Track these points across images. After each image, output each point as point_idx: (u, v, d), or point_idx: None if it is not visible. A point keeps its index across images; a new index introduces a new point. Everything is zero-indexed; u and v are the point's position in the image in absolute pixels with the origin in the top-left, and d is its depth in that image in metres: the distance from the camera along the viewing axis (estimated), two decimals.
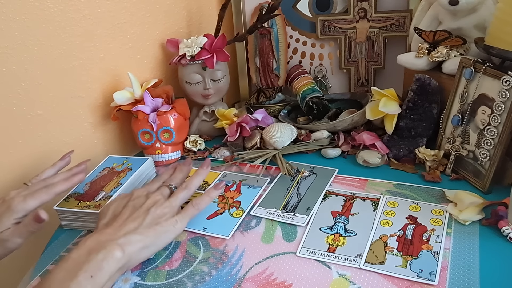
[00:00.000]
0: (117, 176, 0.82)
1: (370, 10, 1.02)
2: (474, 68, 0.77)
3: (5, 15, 0.73)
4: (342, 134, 0.95)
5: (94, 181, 0.81)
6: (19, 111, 0.79)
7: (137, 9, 0.95)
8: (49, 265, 0.69)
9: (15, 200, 0.66)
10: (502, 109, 0.71)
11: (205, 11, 1.13)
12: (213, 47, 0.96)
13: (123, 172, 0.82)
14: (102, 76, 0.92)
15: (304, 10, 1.09)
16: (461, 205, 0.70)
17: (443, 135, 0.84)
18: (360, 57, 1.07)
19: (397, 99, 0.90)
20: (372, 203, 0.75)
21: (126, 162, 0.86)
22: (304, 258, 0.65)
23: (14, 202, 0.65)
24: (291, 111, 1.10)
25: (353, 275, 0.61)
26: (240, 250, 0.68)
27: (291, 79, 1.10)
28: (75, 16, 0.83)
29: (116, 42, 0.93)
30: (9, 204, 0.65)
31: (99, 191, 0.78)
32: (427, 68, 0.89)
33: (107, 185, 0.79)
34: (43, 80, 0.81)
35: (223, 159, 0.94)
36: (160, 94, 0.95)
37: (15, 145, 0.80)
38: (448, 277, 0.59)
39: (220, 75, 0.99)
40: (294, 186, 0.82)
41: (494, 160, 0.73)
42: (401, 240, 0.66)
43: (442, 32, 0.85)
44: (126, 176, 0.81)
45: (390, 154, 0.88)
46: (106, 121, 0.96)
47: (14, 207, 0.65)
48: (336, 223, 0.71)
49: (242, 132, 0.95)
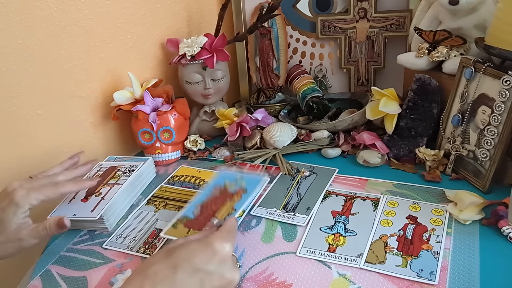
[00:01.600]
0: (231, 199, 0.69)
1: (370, 10, 1.02)
2: (474, 68, 0.77)
3: (5, 14, 0.73)
4: (342, 134, 0.95)
5: (205, 204, 0.69)
6: (19, 111, 0.79)
7: (137, 9, 0.95)
8: (49, 265, 0.69)
9: (18, 193, 0.64)
10: (502, 109, 0.71)
11: (205, 11, 1.13)
12: (213, 46, 0.96)
13: (237, 195, 0.69)
14: (102, 76, 0.92)
15: (304, 10, 1.09)
16: (461, 205, 0.70)
17: (443, 135, 0.84)
18: (360, 57, 1.07)
19: (397, 99, 0.90)
20: (372, 203, 0.75)
21: (239, 180, 0.72)
22: (304, 258, 0.65)
23: (17, 195, 0.64)
24: (291, 111, 1.10)
25: (353, 275, 0.61)
26: (240, 250, 0.68)
27: (291, 79, 1.10)
28: (75, 16, 0.83)
29: (116, 42, 0.93)
30: (12, 197, 0.64)
31: (210, 217, 0.67)
32: (427, 68, 0.89)
33: (219, 210, 0.67)
34: (43, 80, 0.81)
35: (223, 159, 0.94)
36: (160, 93, 0.95)
37: (15, 145, 0.80)
38: (448, 277, 0.59)
39: (220, 75, 0.99)
40: (294, 186, 0.82)
41: (494, 160, 0.73)
42: (401, 240, 0.66)
43: (442, 32, 0.85)
44: (241, 200, 0.68)
45: (390, 154, 0.88)
46: (106, 121, 0.96)
47: (18, 201, 0.64)
48: (336, 223, 0.71)
49: (242, 132, 0.95)
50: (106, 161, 0.88)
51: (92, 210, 0.73)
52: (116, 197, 0.77)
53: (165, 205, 0.80)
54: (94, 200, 0.76)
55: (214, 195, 0.71)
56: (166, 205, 0.80)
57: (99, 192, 0.78)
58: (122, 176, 0.81)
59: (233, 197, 0.70)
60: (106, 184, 0.80)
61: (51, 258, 0.70)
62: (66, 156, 0.86)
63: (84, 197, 0.77)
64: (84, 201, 0.76)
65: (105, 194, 0.77)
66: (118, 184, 0.79)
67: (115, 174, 0.83)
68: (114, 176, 0.82)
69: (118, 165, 0.85)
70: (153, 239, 0.72)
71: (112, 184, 0.79)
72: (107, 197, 0.76)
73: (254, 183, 0.71)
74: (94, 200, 0.76)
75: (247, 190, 0.70)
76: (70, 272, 0.67)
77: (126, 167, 0.84)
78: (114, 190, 0.78)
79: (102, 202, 0.75)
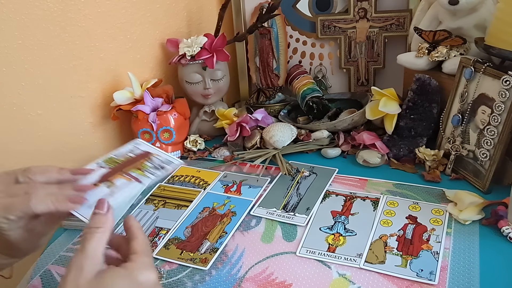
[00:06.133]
0: (220, 221, 0.73)
1: (370, 10, 1.02)
2: (474, 68, 0.77)
3: (5, 14, 0.73)
4: (342, 134, 0.95)
5: (195, 225, 0.73)
6: (19, 111, 0.79)
7: (137, 9, 0.95)
8: (49, 265, 0.69)
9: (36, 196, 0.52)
10: (502, 109, 0.71)
11: (205, 11, 1.13)
12: (213, 46, 0.96)
13: (226, 216, 0.74)
14: (102, 76, 0.92)
15: (304, 10, 1.09)
16: (461, 204, 0.70)
17: (443, 135, 0.84)
18: (360, 57, 1.07)
19: (397, 99, 0.90)
20: (372, 202, 0.75)
21: (227, 202, 0.78)
22: (304, 258, 0.65)
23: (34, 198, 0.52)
24: (291, 111, 1.10)
25: (353, 275, 0.61)
26: (240, 250, 0.68)
27: (291, 79, 1.10)
28: (75, 16, 0.83)
29: (116, 42, 0.93)
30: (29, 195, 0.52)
31: (202, 239, 0.70)
32: (427, 67, 0.89)
33: (210, 232, 0.71)
34: (43, 80, 0.81)
35: (223, 159, 0.94)
36: (160, 93, 0.95)
37: (15, 145, 0.80)
38: (448, 277, 0.59)
39: (220, 75, 0.99)
40: (294, 186, 0.82)
41: (494, 160, 0.73)
42: (401, 239, 0.66)
43: (442, 32, 0.85)
44: (230, 222, 0.73)
45: (390, 154, 0.88)
46: (106, 120, 0.96)
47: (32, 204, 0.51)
48: (336, 222, 0.71)
49: (242, 131, 0.95)
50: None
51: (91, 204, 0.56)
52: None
53: (164, 203, 0.80)
54: (101, 189, 0.59)
55: (203, 216, 0.74)
56: (165, 204, 0.80)
57: (113, 182, 0.61)
58: (149, 170, 0.63)
59: (222, 219, 0.74)
60: (126, 174, 0.62)
61: (51, 258, 0.70)
62: (66, 156, 0.87)
63: (94, 182, 0.60)
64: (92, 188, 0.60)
65: (118, 187, 0.60)
66: (139, 181, 0.61)
67: (142, 164, 0.65)
68: (141, 166, 0.64)
69: (154, 153, 0.67)
70: (153, 237, 0.72)
71: (132, 178, 0.61)
72: (116, 195, 0.59)
73: (243, 205, 0.76)
74: (101, 189, 0.59)
75: (236, 213, 0.74)
76: None
77: (161, 160, 0.65)
78: (129, 187, 0.60)
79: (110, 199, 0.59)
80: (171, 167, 0.63)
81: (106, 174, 0.61)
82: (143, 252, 0.50)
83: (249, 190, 0.82)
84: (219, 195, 0.81)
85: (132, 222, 0.54)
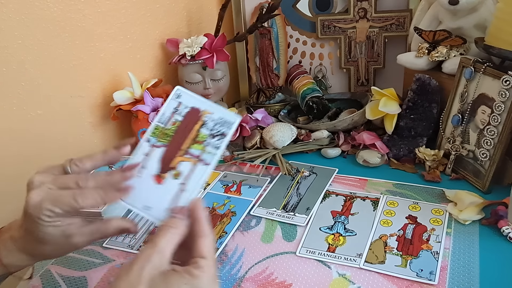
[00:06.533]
0: (220, 221, 0.73)
1: (370, 10, 1.02)
2: (474, 68, 0.77)
3: (5, 14, 0.73)
4: (342, 134, 0.95)
5: None
6: (19, 111, 0.79)
7: (137, 9, 0.95)
8: (49, 265, 0.69)
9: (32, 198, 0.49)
10: (502, 109, 0.71)
11: (205, 10, 1.13)
12: (213, 46, 0.96)
13: (226, 216, 0.73)
14: (102, 75, 0.92)
15: (304, 9, 1.09)
16: (461, 204, 0.70)
17: (443, 135, 0.84)
18: (360, 57, 1.07)
19: (397, 99, 0.90)
20: (372, 202, 0.75)
21: (227, 202, 0.76)
22: (304, 258, 0.65)
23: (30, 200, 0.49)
24: (291, 111, 1.10)
25: (353, 275, 0.61)
26: (240, 250, 0.68)
27: (291, 78, 1.10)
28: (75, 16, 0.83)
29: (116, 42, 0.93)
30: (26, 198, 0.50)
31: None
32: (427, 67, 0.89)
33: None
34: (43, 80, 0.81)
35: (223, 159, 0.94)
36: (160, 93, 0.95)
37: (15, 145, 0.80)
38: (448, 277, 0.59)
39: (220, 75, 0.99)
40: (294, 186, 0.82)
41: (494, 160, 0.73)
42: (401, 239, 0.66)
43: (442, 32, 0.85)
44: (230, 222, 0.71)
45: (390, 154, 0.88)
46: (106, 120, 0.96)
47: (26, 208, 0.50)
48: (336, 222, 0.71)
49: (242, 131, 0.95)
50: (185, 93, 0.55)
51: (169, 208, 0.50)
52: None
53: None
54: (170, 183, 0.51)
55: None
56: None
57: (177, 170, 0.51)
58: (209, 141, 0.52)
59: (222, 219, 0.72)
60: (187, 154, 0.52)
61: None
62: (66, 156, 0.86)
63: (158, 172, 0.52)
64: (158, 181, 0.52)
65: (186, 177, 0.51)
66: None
67: (199, 133, 0.53)
68: (199, 137, 0.52)
69: (204, 109, 0.54)
70: None
71: (196, 159, 0.51)
72: (189, 186, 0.50)
73: (243, 205, 0.73)
74: (171, 184, 0.51)
75: (236, 213, 0.73)
76: (70, 272, 0.67)
77: (215, 121, 0.53)
78: (198, 174, 0.51)
79: (184, 196, 0.50)
80: (229, 129, 0.52)
81: (165, 157, 0.52)
82: (212, 258, 0.46)
83: (249, 190, 0.82)
84: (219, 195, 0.81)
85: (200, 212, 0.48)
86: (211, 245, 0.47)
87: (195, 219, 0.48)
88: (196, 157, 0.51)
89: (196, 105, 0.54)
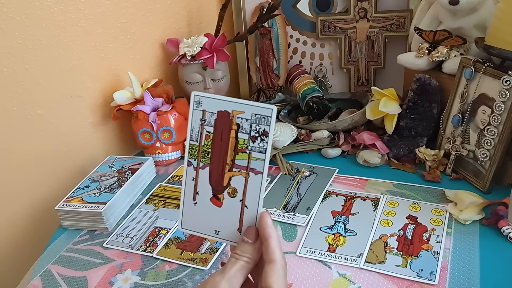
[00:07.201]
0: None
1: (370, 10, 1.02)
2: (474, 68, 0.77)
3: (6, 14, 0.73)
4: (342, 134, 0.95)
5: None
6: (19, 111, 0.79)
7: (137, 9, 0.95)
8: (49, 264, 0.69)
9: None
10: (502, 109, 0.71)
11: (205, 11, 1.13)
12: (213, 46, 0.96)
13: None
14: (102, 75, 0.92)
15: (304, 10, 1.09)
16: (461, 205, 0.70)
17: (443, 135, 0.84)
18: (360, 57, 1.07)
19: (397, 99, 0.90)
20: (372, 202, 0.75)
21: None
22: (304, 258, 0.65)
23: None
24: (291, 111, 1.10)
25: (353, 275, 0.61)
26: None
27: (291, 79, 1.10)
28: (75, 16, 0.83)
29: (116, 42, 0.93)
30: None
31: (202, 239, 0.69)
32: (427, 68, 0.89)
33: None
34: (43, 80, 0.81)
35: None
36: (160, 93, 0.95)
37: (15, 145, 0.80)
38: (448, 277, 0.59)
39: (221, 75, 0.99)
40: (294, 186, 0.82)
41: (494, 160, 0.73)
42: (401, 240, 0.66)
43: (442, 32, 0.85)
44: None
45: (390, 154, 0.88)
46: (106, 120, 0.96)
47: None
48: (336, 222, 0.71)
49: None
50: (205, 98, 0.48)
51: (238, 228, 0.48)
52: (116, 198, 0.76)
53: (165, 203, 0.80)
54: (230, 203, 0.48)
55: None
56: (165, 204, 0.80)
57: (231, 187, 0.48)
58: (252, 145, 0.46)
59: None
60: (235, 167, 0.48)
61: (51, 258, 0.70)
62: (66, 156, 0.87)
63: (213, 195, 0.49)
64: (217, 204, 0.49)
65: (243, 192, 0.47)
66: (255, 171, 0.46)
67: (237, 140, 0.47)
68: (238, 145, 0.47)
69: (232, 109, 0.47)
70: (154, 237, 0.72)
71: (245, 170, 0.47)
72: (248, 201, 0.47)
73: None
74: (230, 203, 0.48)
75: None
76: (70, 272, 0.67)
77: (250, 121, 0.46)
78: (254, 186, 0.47)
79: (247, 212, 0.47)
80: (268, 125, 0.45)
81: (213, 177, 0.48)
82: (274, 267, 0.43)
83: None
84: None
85: (270, 231, 0.44)
86: (281, 272, 0.43)
87: (265, 238, 0.44)
88: (245, 168, 0.47)
89: (222, 107, 0.47)
